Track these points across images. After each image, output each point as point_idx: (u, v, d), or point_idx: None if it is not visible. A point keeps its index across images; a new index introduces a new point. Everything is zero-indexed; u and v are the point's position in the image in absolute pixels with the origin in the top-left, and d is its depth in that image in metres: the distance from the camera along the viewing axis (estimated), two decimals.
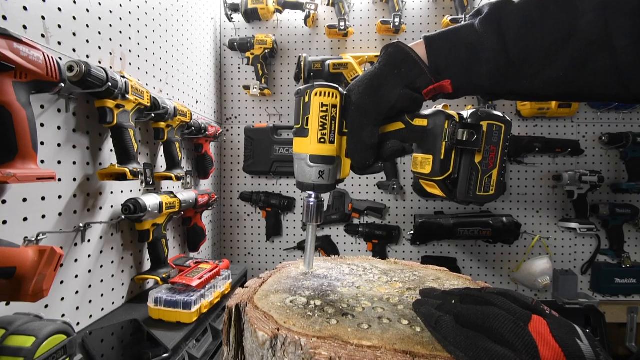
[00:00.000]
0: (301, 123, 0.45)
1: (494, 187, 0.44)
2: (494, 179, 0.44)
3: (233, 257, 1.72)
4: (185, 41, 1.31)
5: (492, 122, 0.43)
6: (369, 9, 1.66)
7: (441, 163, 0.44)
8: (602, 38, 0.37)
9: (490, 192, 0.44)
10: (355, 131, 0.45)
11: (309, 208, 0.48)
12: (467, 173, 0.43)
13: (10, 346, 0.46)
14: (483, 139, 0.43)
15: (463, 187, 0.44)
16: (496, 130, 0.43)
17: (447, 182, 0.45)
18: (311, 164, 0.45)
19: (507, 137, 0.44)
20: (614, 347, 1.58)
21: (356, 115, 0.44)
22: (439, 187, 0.46)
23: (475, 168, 0.43)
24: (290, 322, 0.38)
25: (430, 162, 0.44)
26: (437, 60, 0.43)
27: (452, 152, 0.44)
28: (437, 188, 0.46)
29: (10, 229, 0.60)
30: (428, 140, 0.44)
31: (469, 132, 0.42)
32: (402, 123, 0.45)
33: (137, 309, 0.88)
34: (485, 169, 0.43)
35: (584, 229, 1.49)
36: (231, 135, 1.72)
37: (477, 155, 0.43)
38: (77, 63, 0.66)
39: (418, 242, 1.56)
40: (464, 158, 0.44)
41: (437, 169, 0.44)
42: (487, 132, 0.43)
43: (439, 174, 0.44)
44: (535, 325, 0.29)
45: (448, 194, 0.45)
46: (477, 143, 0.42)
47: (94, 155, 0.81)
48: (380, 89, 0.44)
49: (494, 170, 0.44)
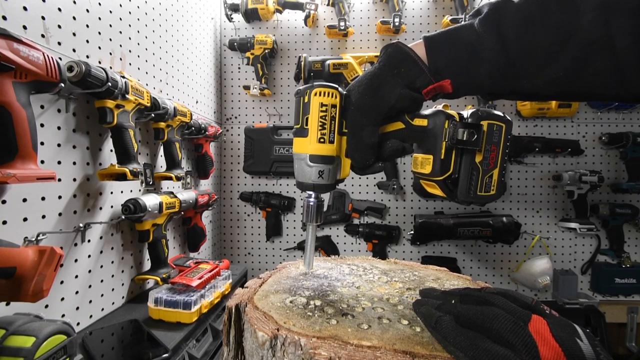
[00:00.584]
0: (301, 123, 0.45)
1: (495, 187, 0.44)
2: (495, 178, 0.44)
3: (233, 257, 1.72)
4: (185, 41, 1.31)
5: (493, 122, 0.43)
6: (369, 9, 1.66)
7: (441, 163, 0.43)
8: (602, 38, 0.37)
9: (491, 192, 0.44)
10: (355, 131, 0.45)
11: (308, 208, 0.48)
12: (467, 173, 0.43)
13: (10, 346, 0.46)
14: (483, 139, 0.42)
15: (464, 187, 0.44)
16: (497, 130, 0.43)
17: (447, 182, 0.45)
18: (311, 164, 0.45)
19: (507, 137, 0.44)
20: (614, 347, 1.58)
21: (356, 115, 0.44)
22: (439, 187, 0.46)
23: (476, 168, 0.43)
24: (290, 322, 0.38)
25: (431, 162, 0.44)
26: (436, 60, 0.43)
27: (452, 151, 0.43)
28: (437, 188, 0.46)
29: (10, 229, 0.60)
30: (428, 140, 0.44)
31: (469, 132, 0.41)
32: (402, 123, 0.45)
33: (137, 309, 0.88)
34: (486, 168, 0.43)
35: (584, 229, 1.49)
36: (231, 135, 1.72)
37: (477, 154, 0.43)
38: (77, 63, 0.66)
39: (418, 242, 1.56)
40: (465, 158, 0.43)
41: (438, 168, 0.44)
42: (487, 131, 0.42)
43: (439, 174, 0.44)
44: (535, 325, 0.29)
45: (448, 194, 0.45)
46: (477, 142, 0.42)
47: (94, 155, 0.81)
48: (379, 89, 0.44)
49: (494, 170, 0.44)
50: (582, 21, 0.38)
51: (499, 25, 0.41)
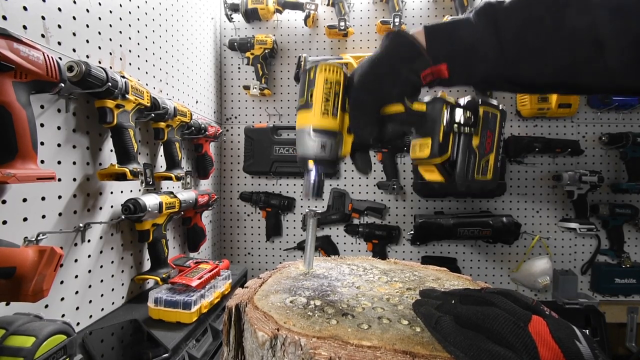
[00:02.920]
0: (305, 97, 0.46)
1: (492, 172, 0.46)
2: (491, 163, 0.46)
3: (233, 257, 1.72)
4: (185, 41, 1.31)
5: (488, 109, 0.45)
6: (369, 9, 1.66)
7: (440, 145, 0.45)
8: (597, 38, 0.38)
9: (487, 176, 0.46)
10: (358, 108, 0.46)
11: (308, 183, 0.48)
12: (465, 155, 0.45)
13: (10, 346, 0.46)
14: (480, 123, 0.44)
15: (461, 170, 0.45)
16: (492, 117, 0.45)
17: (445, 165, 0.46)
18: (313, 137, 0.45)
19: (502, 125, 0.46)
20: (614, 347, 1.58)
21: (359, 92, 0.45)
22: (438, 170, 0.47)
23: (473, 151, 0.45)
24: (290, 322, 0.38)
25: (429, 144, 0.45)
26: (436, 47, 0.45)
27: (450, 135, 0.45)
28: (436, 172, 0.47)
29: (10, 229, 0.60)
30: (426, 125, 0.46)
31: (466, 116, 0.44)
32: (403, 105, 0.46)
33: (137, 309, 0.88)
34: (482, 152, 0.45)
35: (584, 229, 1.49)
36: (231, 135, 1.72)
37: (474, 138, 0.45)
38: (77, 63, 0.66)
39: (418, 242, 1.56)
40: (462, 141, 0.45)
41: (436, 150, 0.45)
42: (483, 117, 0.45)
43: (437, 155, 0.45)
44: (535, 325, 0.29)
45: (447, 178, 0.47)
46: (474, 125, 0.44)
47: (94, 155, 0.81)
48: (381, 70, 0.45)
49: (490, 155, 0.45)
50: (577, 21, 0.38)
51: (496, 20, 0.42)
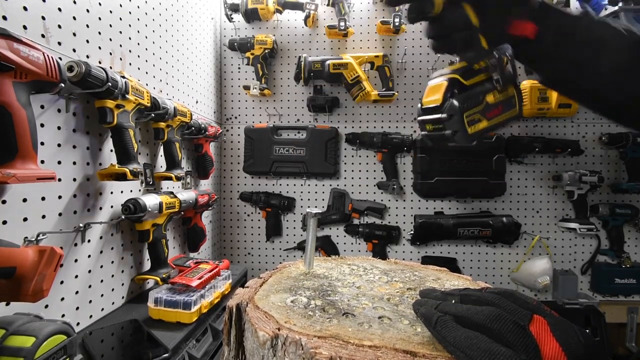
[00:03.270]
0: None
1: (476, 133, 0.49)
2: (479, 130, 0.49)
3: (233, 257, 1.72)
4: (185, 41, 1.31)
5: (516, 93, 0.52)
6: (369, 9, 1.66)
7: (473, 69, 0.50)
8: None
9: (470, 130, 0.48)
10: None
11: None
12: (473, 98, 0.49)
13: (10, 346, 0.46)
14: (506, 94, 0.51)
15: (461, 104, 0.48)
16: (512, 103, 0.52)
17: (456, 84, 0.49)
18: None
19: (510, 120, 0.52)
20: (614, 347, 1.58)
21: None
22: (444, 90, 0.49)
23: (479, 100, 0.49)
24: (290, 321, 0.38)
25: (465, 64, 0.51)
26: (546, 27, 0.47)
27: (485, 74, 0.50)
28: (441, 92, 0.49)
29: (10, 229, 0.60)
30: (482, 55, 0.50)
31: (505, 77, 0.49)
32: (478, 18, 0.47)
33: (137, 309, 0.88)
34: (483, 109, 0.49)
35: (584, 229, 1.49)
36: (231, 135, 1.72)
37: (493, 93, 0.49)
38: (77, 63, 0.66)
39: (418, 242, 1.56)
40: (484, 85, 0.50)
41: (472, 63, 0.50)
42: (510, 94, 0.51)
43: (474, 63, 0.50)
44: (536, 325, 0.29)
45: (444, 101, 0.49)
46: (503, 86, 0.49)
47: (94, 155, 0.81)
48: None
49: (483, 122, 0.49)
50: None
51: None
